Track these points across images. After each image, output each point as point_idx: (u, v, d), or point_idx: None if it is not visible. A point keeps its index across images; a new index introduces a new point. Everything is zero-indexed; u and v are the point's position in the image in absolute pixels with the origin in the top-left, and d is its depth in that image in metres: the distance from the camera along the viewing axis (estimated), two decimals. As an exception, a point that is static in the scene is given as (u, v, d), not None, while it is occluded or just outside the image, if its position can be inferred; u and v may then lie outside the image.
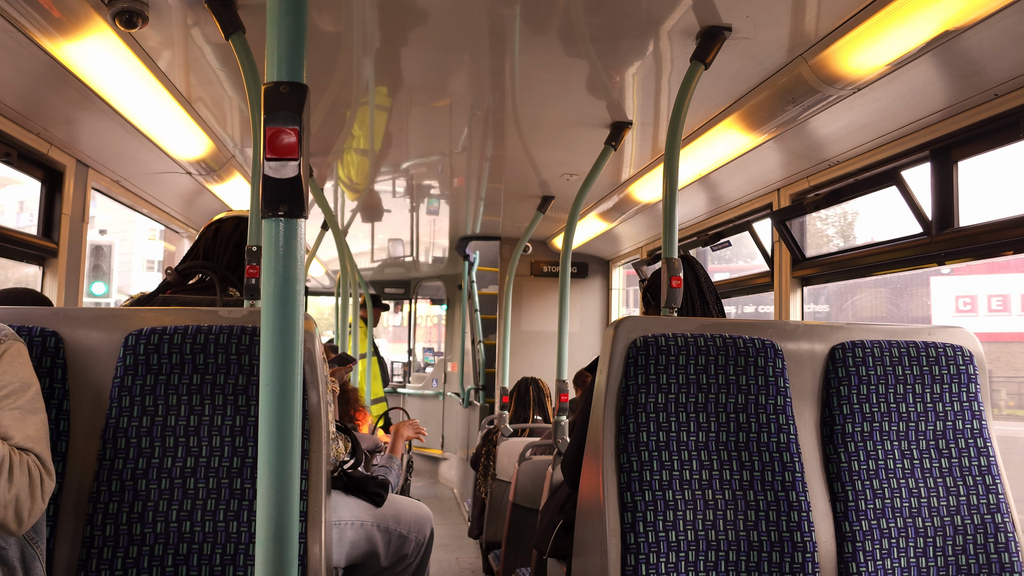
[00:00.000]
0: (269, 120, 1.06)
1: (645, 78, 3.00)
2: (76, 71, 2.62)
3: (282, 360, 1.07)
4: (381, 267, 9.51)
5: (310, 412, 1.89)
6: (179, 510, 1.80)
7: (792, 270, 3.85)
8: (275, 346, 1.06)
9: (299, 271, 1.08)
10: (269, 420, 1.07)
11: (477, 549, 6.01)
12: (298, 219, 1.08)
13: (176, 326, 1.91)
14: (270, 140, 1.06)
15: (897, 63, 2.42)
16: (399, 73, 3.08)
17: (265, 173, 1.06)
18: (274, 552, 1.05)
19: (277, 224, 1.07)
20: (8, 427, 1.55)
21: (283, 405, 1.07)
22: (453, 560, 5.85)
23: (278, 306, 1.07)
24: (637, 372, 2.07)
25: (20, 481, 1.47)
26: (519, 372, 6.56)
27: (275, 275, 1.07)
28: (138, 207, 4.40)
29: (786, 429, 2.10)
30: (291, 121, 1.06)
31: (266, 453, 1.07)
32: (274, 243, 1.07)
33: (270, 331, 1.07)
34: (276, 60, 1.08)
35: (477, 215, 6.18)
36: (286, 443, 1.07)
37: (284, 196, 1.07)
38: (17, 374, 1.62)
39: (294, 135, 1.06)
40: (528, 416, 5.42)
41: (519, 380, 5.63)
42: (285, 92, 1.07)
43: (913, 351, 2.20)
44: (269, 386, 1.07)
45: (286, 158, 1.06)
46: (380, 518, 2.53)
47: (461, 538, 6.54)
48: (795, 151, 3.43)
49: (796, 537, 2.02)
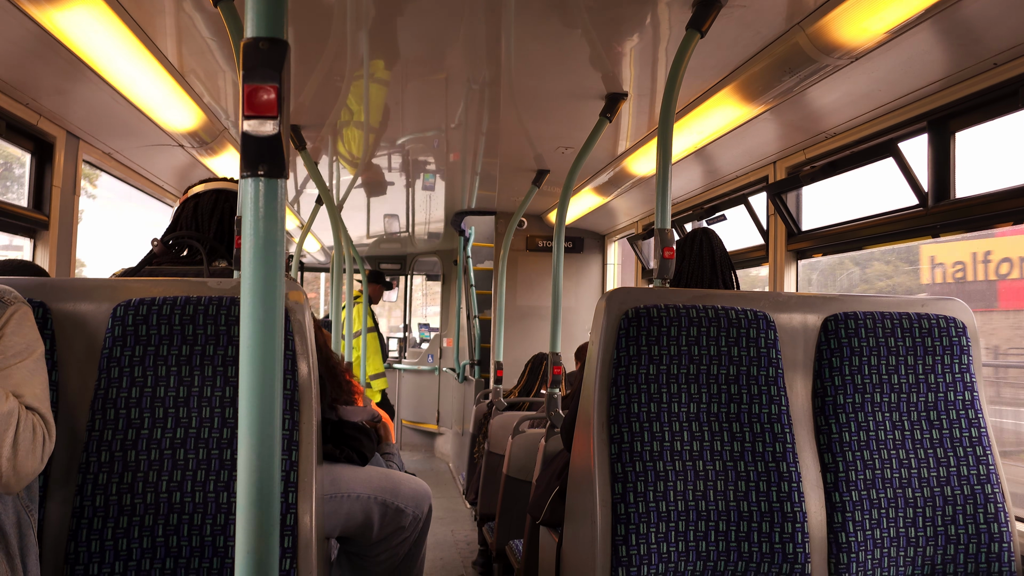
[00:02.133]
0: (247, 77, 1.04)
1: (641, 49, 2.97)
2: (65, 40, 2.59)
3: (264, 324, 1.05)
4: (377, 242, 9.48)
5: (300, 383, 1.87)
6: (169, 481, 1.79)
7: (787, 243, 3.83)
8: (256, 310, 1.05)
9: (280, 233, 1.06)
10: (250, 386, 1.05)
11: (472, 522, 6.04)
12: (278, 179, 1.06)
13: (164, 297, 1.90)
14: (248, 97, 1.04)
15: (896, 31, 2.39)
16: (395, 45, 3.04)
17: (243, 131, 1.04)
18: (256, 519, 1.04)
19: (257, 184, 1.05)
20: (18, 384, 1.57)
21: (264, 371, 1.05)
22: (449, 532, 5.88)
23: (259, 269, 1.05)
24: (629, 343, 2.07)
25: (24, 436, 1.49)
26: (514, 346, 6.57)
27: (255, 236, 1.05)
28: (130, 180, 4.37)
29: (777, 400, 2.10)
30: (270, 78, 1.04)
31: (246, 420, 1.05)
32: (254, 203, 1.05)
33: (250, 294, 1.05)
34: (255, 15, 1.06)
35: (473, 190, 6.16)
36: (267, 409, 1.05)
37: (264, 155, 1.05)
38: (25, 336, 1.64)
39: (273, 92, 1.04)
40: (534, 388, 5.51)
41: (535, 355, 5.71)
42: (265, 48, 1.05)
43: (906, 322, 2.19)
44: (250, 351, 1.05)
45: (265, 116, 1.04)
46: (377, 490, 2.53)
47: (457, 511, 6.57)
48: (791, 123, 3.40)
49: (786, 507, 2.02)
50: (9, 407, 1.47)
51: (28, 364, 1.62)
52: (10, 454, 1.46)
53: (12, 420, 1.47)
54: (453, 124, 4.22)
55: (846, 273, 7.29)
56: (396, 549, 2.60)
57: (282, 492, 1.76)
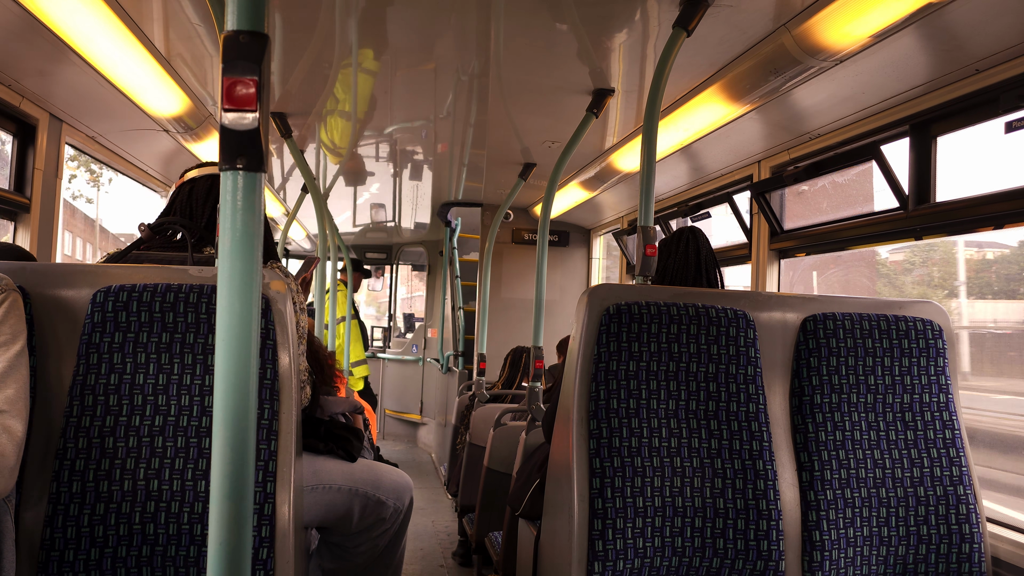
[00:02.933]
0: (227, 70, 1.04)
1: (630, 45, 2.98)
2: (48, 22, 2.56)
3: (240, 317, 1.05)
4: (363, 232, 9.46)
5: (280, 373, 1.87)
6: (147, 468, 1.79)
7: (770, 242, 3.85)
8: (232, 303, 1.05)
9: (258, 227, 1.06)
10: (225, 378, 1.05)
11: (453, 513, 6.05)
12: (257, 173, 1.06)
13: (145, 284, 1.89)
14: (227, 91, 1.04)
15: (880, 34, 2.41)
16: (384, 35, 3.04)
17: (222, 123, 1.04)
18: (229, 511, 1.05)
19: (235, 177, 1.05)
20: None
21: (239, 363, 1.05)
22: (429, 523, 5.89)
23: (236, 262, 1.05)
24: (609, 339, 2.08)
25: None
26: (498, 339, 6.57)
27: (232, 230, 1.05)
28: (114, 164, 4.34)
29: (755, 399, 2.11)
30: (249, 71, 1.04)
31: (221, 411, 1.06)
32: (232, 196, 1.05)
33: (228, 287, 1.05)
34: (235, 8, 1.05)
35: (460, 181, 6.15)
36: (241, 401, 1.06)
37: (243, 148, 1.04)
38: (13, 326, 1.64)
39: (252, 86, 1.04)
40: (516, 380, 5.52)
41: (514, 348, 5.72)
42: (244, 41, 1.05)
43: (883, 324, 2.21)
44: (225, 343, 1.05)
45: (244, 109, 1.04)
46: (358, 483, 2.53)
47: (438, 502, 6.59)
48: (776, 123, 3.42)
49: (762, 505, 2.04)
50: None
51: (8, 359, 1.61)
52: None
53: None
54: (441, 115, 4.22)
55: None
56: (377, 540, 2.61)
57: (260, 481, 1.77)
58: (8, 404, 1.58)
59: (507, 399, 5.27)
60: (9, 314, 1.65)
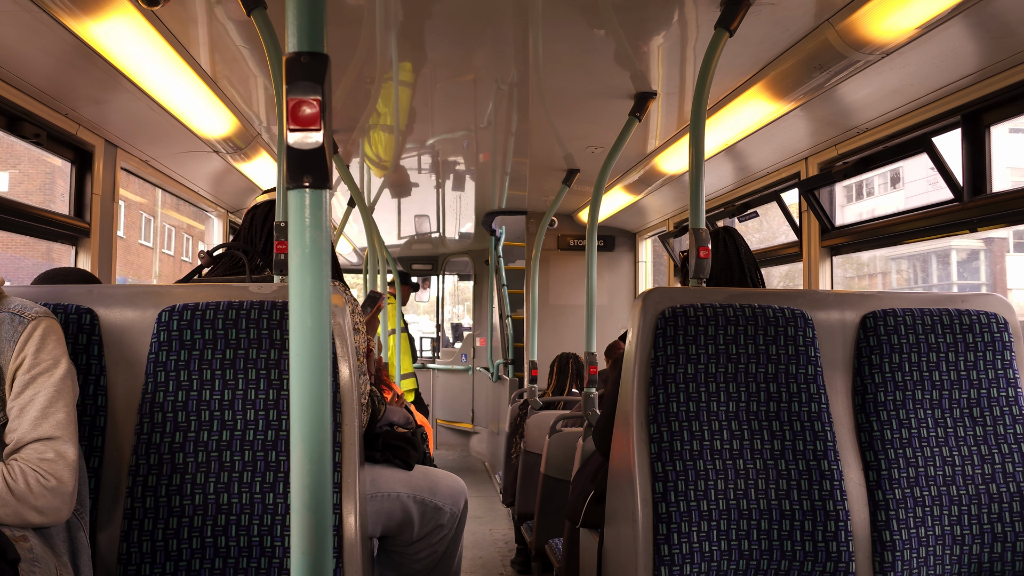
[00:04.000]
0: (291, 91, 1.06)
1: (669, 47, 2.97)
2: (101, 51, 2.64)
3: (312, 332, 1.07)
4: (408, 243, 9.53)
5: (341, 385, 1.91)
6: (216, 482, 1.83)
7: (821, 239, 3.80)
8: (304, 318, 1.07)
9: (325, 242, 1.09)
10: (300, 393, 1.08)
11: (510, 520, 6.06)
12: (323, 190, 1.08)
13: (208, 302, 1.94)
14: (292, 111, 1.06)
15: (927, 26, 2.37)
16: (423, 48, 3.07)
17: (288, 143, 1.06)
18: (310, 521, 1.07)
19: (302, 195, 1.08)
20: (42, 411, 1.60)
21: (314, 377, 1.07)
22: (487, 531, 5.90)
23: (306, 277, 1.07)
24: (666, 343, 2.07)
25: (20, 489, 1.53)
26: (547, 346, 6.57)
27: (301, 247, 1.07)
28: (167, 186, 4.44)
29: (817, 398, 2.09)
30: (312, 91, 1.06)
31: (298, 425, 1.08)
32: (299, 214, 1.08)
33: (299, 303, 1.07)
34: (296, 30, 1.08)
35: (503, 190, 6.17)
36: (318, 415, 1.08)
37: (308, 167, 1.07)
38: (51, 352, 1.66)
39: (316, 105, 1.06)
40: (566, 388, 5.53)
41: (559, 355, 5.72)
42: (306, 62, 1.07)
43: (946, 319, 2.18)
44: (299, 358, 1.07)
45: (309, 128, 1.06)
46: (416, 489, 2.56)
47: (495, 510, 6.60)
48: (823, 119, 3.38)
49: (829, 506, 2.01)
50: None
51: (53, 383, 1.64)
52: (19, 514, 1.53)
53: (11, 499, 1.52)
54: (482, 124, 4.24)
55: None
56: (436, 546, 2.64)
57: None
58: (60, 429, 1.61)
59: (559, 406, 5.27)
60: (46, 340, 1.67)
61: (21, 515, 1.53)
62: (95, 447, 1.87)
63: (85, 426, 1.87)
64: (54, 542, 1.63)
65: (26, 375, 1.62)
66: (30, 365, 1.63)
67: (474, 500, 6.78)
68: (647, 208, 6.09)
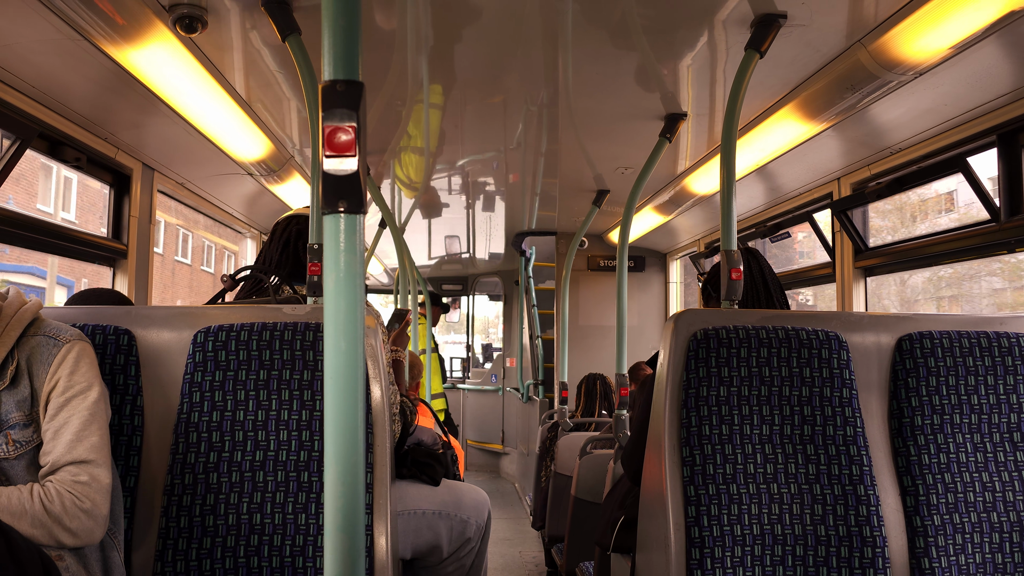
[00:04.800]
0: (327, 118, 1.08)
1: (699, 69, 2.97)
2: (140, 76, 2.69)
3: (346, 355, 1.09)
4: (439, 264, 9.58)
5: (373, 406, 1.92)
6: (249, 503, 1.85)
7: (854, 260, 3.76)
8: (338, 341, 1.08)
9: (360, 266, 1.10)
10: (334, 415, 1.09)
11: (539, 542, 6.02)
12: (358, 215, 1.10)
13: (242, 323, 1.96)
14: (328, 137, 1.08)
15: (960, 46, 2.35)
16: (453, 70, 3.10)
17: (324, 170, 1.08)
18: (343, 543, 1.08)
19: (337, 220, 1.09)
20: (76, 435, 1.63)
21: (347, 400, 1.09)
22: (516, 554, 5.87)
23: (341, 301, 1.09)
24: (698, 365, 2.06)
25: (55, 511, 1.56)
26: (577, 366, 6.55)
27: (336, 270, 1.09)
28: (201, 208, 4.50)
29: (852, 422, 2.06)
30: (348, 118, 1.08)
31: (332, 447, 1.09)
32: (334, 239, 1.09)
33: (333, 326, 1.09)
34: (332, 58, 1.10)
35: (533, 210, 6.19)
36: (351, 437, 1.09)
37: (343, 192, 1.09)
38: (84, 375, 1.69)
39: (352, 132, 1.08)
40: (595, 410, 5.51)
41: (586, 375, 5.70)
42: (342, 90, 1.09)
43: (984, 341, 2.14)
44: (333, 381, 1.09)
45: (344, 154, 1.08)
46: (441, 505, 2.57)
47: (524, 532, 6.56)
48: (855, 139, 3.36)
49: (865, 532, 1.98)
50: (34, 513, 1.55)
51: (87, 407, 1.66)
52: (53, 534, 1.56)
53: (47, 520, 1.55)
54: (512, 145, 4.26)
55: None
56: (463, 560, 2.65)
57: None
58: (94, 452, 1.64)
59: (589, 427, 5.25)
60: (79, 363, 1.69)
61: (55, 535, 1.55)
62: (131, 467, 1.90)
63: (122, 446, 1.90)
64: (88, 561, 1.65)
65: (60, 398, 1.65)
66: (64, 388, 1.66)
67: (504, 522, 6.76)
68: (677, 228, 6.07)
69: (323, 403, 1.09)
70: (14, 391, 1.64)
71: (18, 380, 1.65)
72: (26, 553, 1.29)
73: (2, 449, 1.61)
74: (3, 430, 1.62)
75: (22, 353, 1.67)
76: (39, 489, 1.57)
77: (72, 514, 1.57)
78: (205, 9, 2.40)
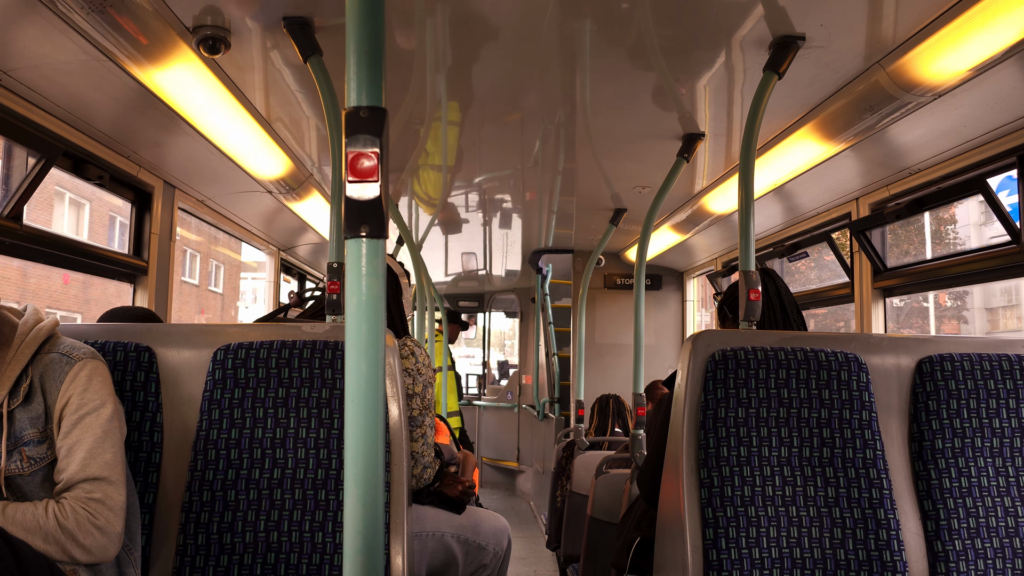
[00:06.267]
0: (350, 144, 1.10)
1: (717, 89, 2.98)
2: (163, 96, 2.73)
3: (367, 378, 1.09)
4: (455, 281, 9.59)
5: (391, 426, 1.92)
6: (267, 520, 1.85)
7: (873, 281, 3.74)
8: (360, 364, 1.09)
9: (381, 289, 1.11)
10: (355, 438, 1.10)
11: (554, 562, 5.99)
12: (380, 239, 1.11)
13: (262, 341, 1.97)
14: (351, 163, 1.09)
15: (980, 68, 2.35)
16: (471, 89, 3.12)
17: (347, 195, 1.09)
18: (362, 564, 1.08)
19: (359, 245, 1.10)
20: (89, 452, 1.64)
21: (368, 422, 1.09)
22: (531, 573, 5.84)
23: (363, 324, 1.10)
24: (716, 386, 2.05)
25: (69, 527, 1.57)
26: (594, 385, 6.53)
27: (358, 294, 1.10)
28: (221, 225, 4.54)
29: (872, 445, 2.05)
30: (371, 144, 1.09)
31: (352, 470, 1.09)
32: (356, 263, 1.10)
33: (355, 349, 1.09)
34: (356, 85, 1.12)
35: (549, 228, 6.20)
36: (371, 460, 1.09)
37: (366, 217, 1.10)
38: (97, 392, 1.71)
39: (375, 158, 1.09)
40: (608, 428, 5.50)
41: (599, 396, 5.71)
42: (365, 116, 1.11)
43: (1006, 364, 2.12)
44: (354, 403, 1.09)
45: (367, 180, 1.09)
46: (459, 529, 2.56)
47: (539, 551, 6.53)
48: (874, 159, 3.35)
49: (886, 556, 1.96)
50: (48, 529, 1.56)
51: (100, 424, 1.68)
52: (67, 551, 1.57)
53: (60, 536, 1.56)
54: (529, 163, 4.28)
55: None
56: None
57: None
58: (108, 469, 1.65)
59: (603, 446, 5.23)
60: (92, 381, 1.71)
61: (68, 551, 1.56)
62: (150, 483, 1.91)
63: (141, 462, 1.91)
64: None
65: (73, 415, 1.66)
66: (77, 405, 1.67)
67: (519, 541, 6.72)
68: (694, 247, 6.06)
69: (341, 421, 1.10)
70: (28, 408, 1.66)
71: (32, 397, 1.67)
72: (34, 565, 1.29)
73: (17, 465, 1.63)
74: (18, 447, 1.63)
75: (36, 370, 1.69)
76: (54, 505, 1.59)
77: (85, 531, 1.58)
78: (228, 31, 2.43)
